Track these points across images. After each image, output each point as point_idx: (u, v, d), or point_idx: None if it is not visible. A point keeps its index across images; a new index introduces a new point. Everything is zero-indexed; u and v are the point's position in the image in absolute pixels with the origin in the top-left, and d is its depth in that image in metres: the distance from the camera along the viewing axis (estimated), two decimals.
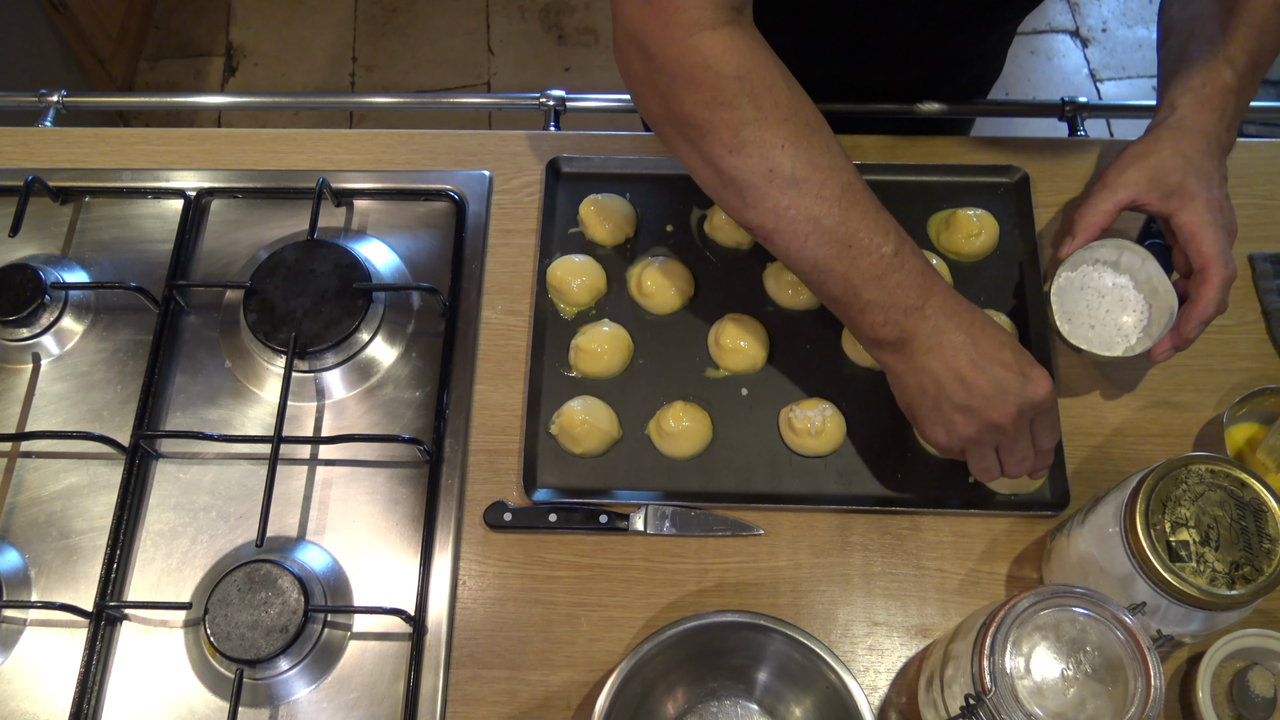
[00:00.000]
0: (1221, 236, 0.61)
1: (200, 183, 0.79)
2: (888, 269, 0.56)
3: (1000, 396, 0.56)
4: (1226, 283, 0.62)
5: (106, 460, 0.70)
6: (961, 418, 0.57)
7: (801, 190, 0.55)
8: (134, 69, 2.02)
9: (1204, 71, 0.65)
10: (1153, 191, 0.63)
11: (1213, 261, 0.61)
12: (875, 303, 0.57)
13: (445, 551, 0.67)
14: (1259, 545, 0.53)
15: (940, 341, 0.56)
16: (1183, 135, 0.64)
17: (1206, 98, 0.64)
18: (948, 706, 0.54)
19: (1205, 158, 0.63)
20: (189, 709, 0.63)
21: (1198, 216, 0.61)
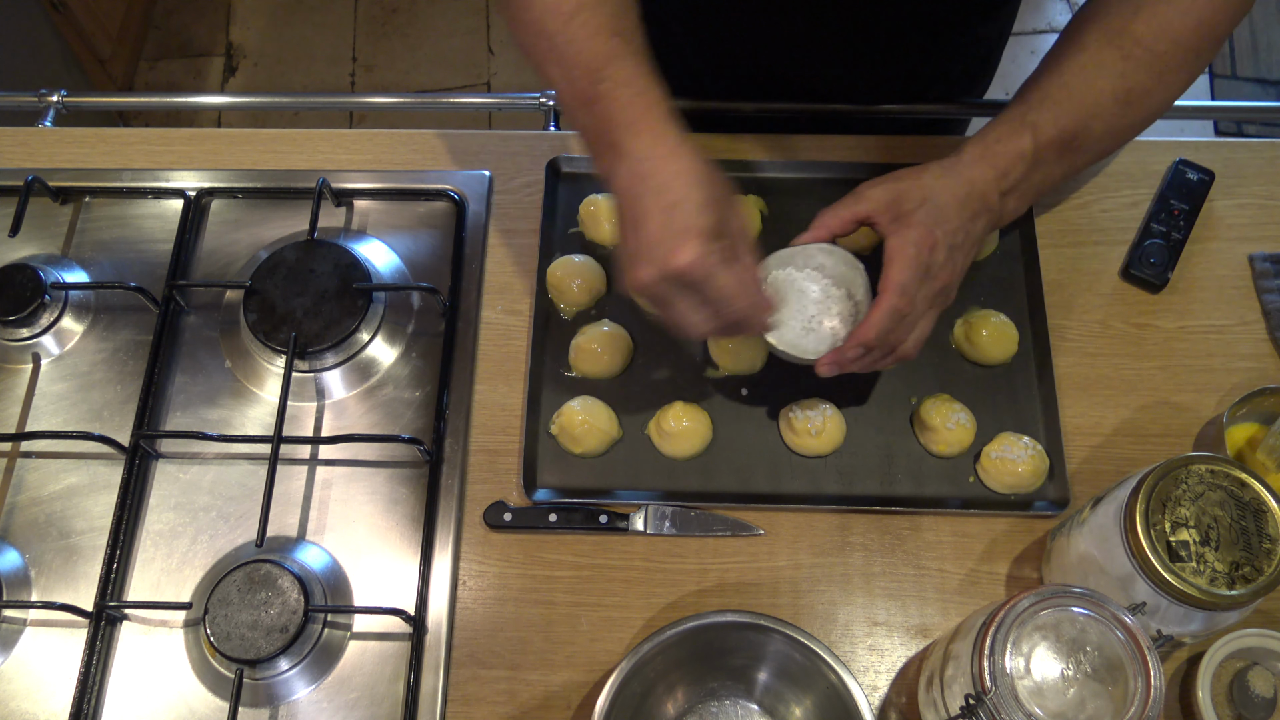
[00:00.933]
0: (910, 271, 0.58)
1: (200, 183, 0.79)
2: (594, 96, 0.55)
3: (641, 259, 0.54)
4: (895, 312, 0.58)
5: (106, 460, 0.70)
6: (627, 267, 0.56)
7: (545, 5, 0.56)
8: (134, 69, 2.02)
9: (1004, 128, 0.62)
10: (886, 212, 0.60)
11: (889, 289, 0.58)
12: (586, 129, 0.57)
13: (445, 551, 0.67)
14: (1259, 545, 0.53)
15: (627, 186, 0.55)
16: (947, 175, 0.61)
17: (992, 154, 0.61)
18: (948, 706, 0.54)
19: (955, 204, 0.60)
20: (189, 709, 0.63)
21: (901, 246, 0.58)
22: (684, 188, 0.54)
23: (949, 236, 0.60)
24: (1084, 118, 0.62)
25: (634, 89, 0.55)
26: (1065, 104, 0.62)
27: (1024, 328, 0.73)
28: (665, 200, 0.54)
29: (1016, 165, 0.61)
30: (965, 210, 0.60)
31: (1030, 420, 0.71)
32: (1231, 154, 0.80)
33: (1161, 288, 0.75)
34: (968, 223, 0.61)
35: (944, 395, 0.70)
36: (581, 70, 0.55)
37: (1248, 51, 1.95)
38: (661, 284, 0.54)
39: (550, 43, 0.56)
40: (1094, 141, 0.64)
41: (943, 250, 0.59)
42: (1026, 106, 0.63)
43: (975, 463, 0.69)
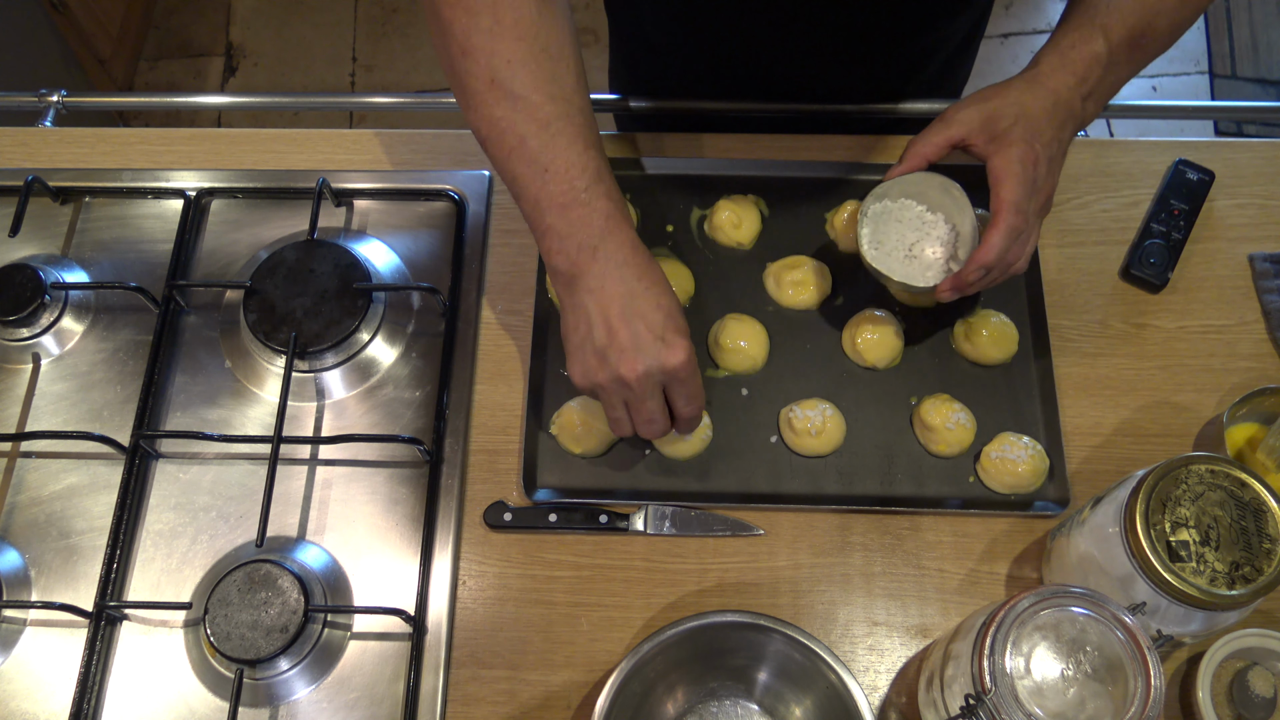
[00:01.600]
0: (1021, 188, 0.60)
1: (200, 183, 0.79)
2: (574, 202, 0.57)
3: (634, 352, 0.57)
4: (1013, 231, 0.60)
5: (106, 460, 0.70)
6: (597, 362, 0.58)
7: (517, 106, 0.57)
8: (134, 69, 2.02)
9: (1076, 34, 0.63)
10: (981, 133, 0.62)
11: (1004, 208, 0.60)
12: (555, 230, 0.58)
13: (445, 551, 0.67)
14: (1259, 545, 0.53)
15: (602, 285, 0.57)
16: (1031, 89, 0.62)
17: (1069, 60, 0.62)
18: (948, 706, 0.54)
19: (1045, 116, 0.62)
20: (189, 709, 0.63)
21: (1007, 164, 0.60)
22: (667, 294, 0.58)
23: (1046, 149, 0.61)
24: (1148, 15, 0.63)
25: (611, 203, 0.58)
26: (1130, 3, 0.63)
27: (1024, 328, 0.73)
28: (663, 302, 0.57)
29: (1094, 69, 0.63)
30: (1054, 120, 0.62)
31: (1030, 420, 0.71)
32: (1231, 154, 0.81)
33: (1161, 288, 0.75)
34: (1058, 132, 0.62)
35: (944, 395, 0.70)
36: (559, 177, 0.58)
37: (1248, 51, 1.95)
38: (649, 379, 0.57)
39: (522, 144, 0.58)
40: (1159, 36, 0.65)
41: (1044, 163, 0.61)
42: (1094, 10, 0.63)
43: (975, 463, 0.69)
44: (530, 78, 0.57)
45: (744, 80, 0.84)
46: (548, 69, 0.57)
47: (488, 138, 0.60)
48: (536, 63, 0.57)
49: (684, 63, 0.85)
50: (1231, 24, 1.98)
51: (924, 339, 0.73)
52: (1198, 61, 1.98)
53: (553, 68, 0.58)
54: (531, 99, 0.57)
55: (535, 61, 0.57)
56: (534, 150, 0.57)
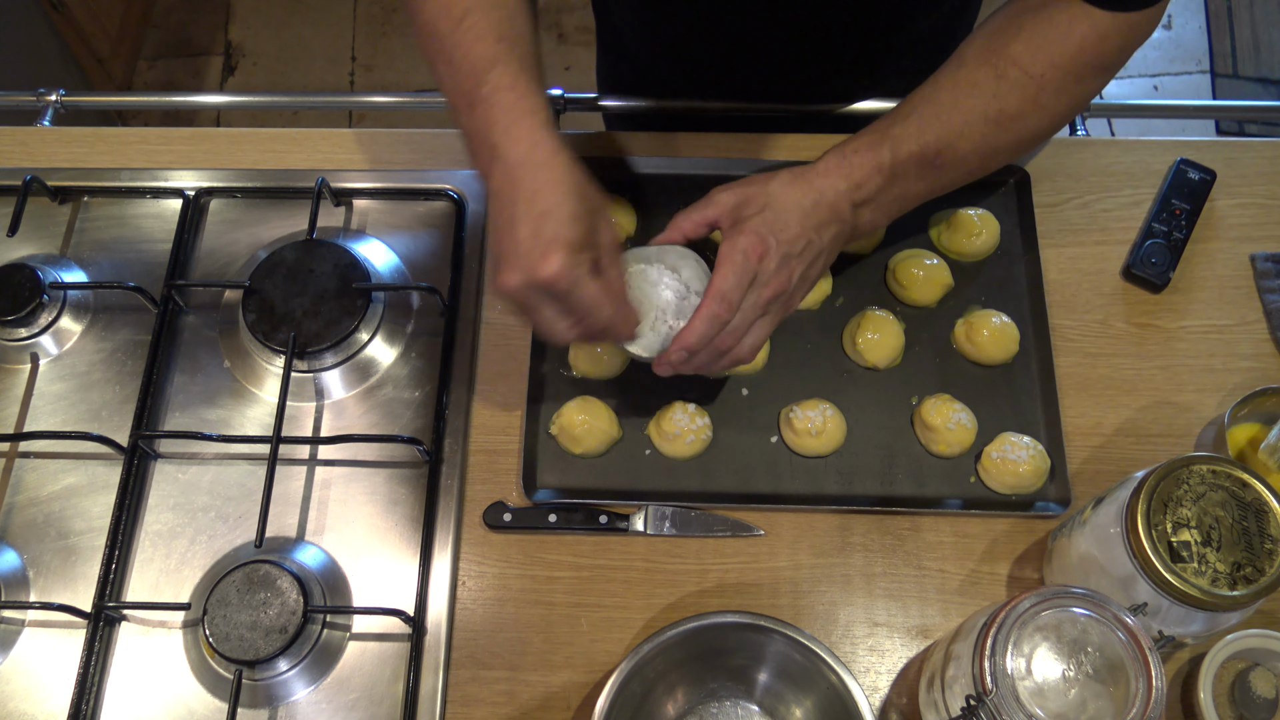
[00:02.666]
0: (732, 278, 0.57)
1: (199, 182, 0.79)
2: (477, 100, 0.56)
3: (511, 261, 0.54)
4: (713, 319, 0.58)
5: (105, 460, 0.70)
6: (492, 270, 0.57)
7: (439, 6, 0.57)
8: (133, 68, 2.02)
9: (864, 139, 0.62)
10: (728, 217, 0.60)
11: (709, 295, 0.58)
12: (466, 132, 0.57)
13: (445, 552, 0.67)
14: (1260, 546, 0.53)
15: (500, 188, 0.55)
16: (796, 184, 0.60)
17: (848, 165, 0.61)
18: (949, 707, 0.53)
19: (798, 213, 0.59)
20: (188, 710, 0.63)
21: (729, 252, 0.58)
22: (555, 196, 0.54)
23: (786, 245, 0.59)
24: (950, 136, 0.61)
25: (515, 93, 0.56)
26: (931, 120, 0.61)
27: (1025, 327, 0.73)
28: (536, 208, 0.54)
29: (872, 178, 0.61)
30: (810, 219, 0.60)
31: (1031, 420, 0.71)
32: (1233, 153, 0.80)
33: (1163, 287, 0.75)
34: (811, 231, 0.60)
35: (945, 395, 0.70)
36: (466, 72, 0.56)
37: (1249, 51, 1.95)
38: (527, 291, 0.55)
39: (440, 44, 0.57)
40: (960, 160, 0.63)
41: (774, 259, 0.59)
42: (892, 120, 0.62)
43: (976, 463, 0.69)
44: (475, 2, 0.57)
45: (726, 82, 0.84)
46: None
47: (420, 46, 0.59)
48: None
49: (663, 69, 0.86)
50: (1233, 23, 1.98)
51: (925, 339, 0.73)
52: (1199, 61, 1.98)
53: None
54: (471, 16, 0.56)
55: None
56: (448, 48, 0.56)
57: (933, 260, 0.74)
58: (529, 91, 0.56)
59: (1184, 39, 2.01)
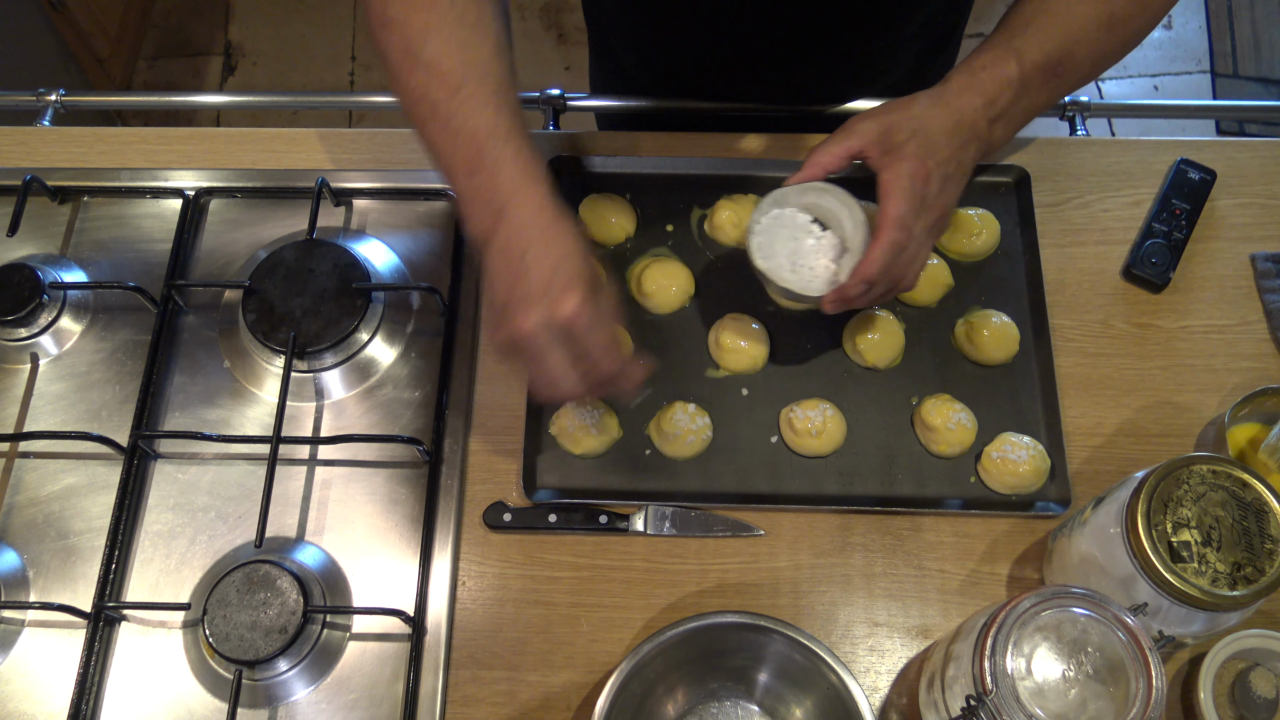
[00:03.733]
0: (906, 204, 0.59)
1: (199, 182, 0.79)
2: (479, 166, 0.57)
3: (524, 306, 0.55)
4: (894, 246, 0.59)
5: (105, 460, 0.70)
6: (496, 322, 0.57)
7: (429, 74, 0.57)
8: (132, 68, 2.02)
9: (989, 55, 0.62)
10: (877, 145, 0.61)
11: (888, 224, 0.59)
12: (464, 195, 0.58)
13: (445, 552, 0.67)
14: (1261, 546, 0.53)
15: (506, 246, 0.56)
16: (935, 105, 0.61)
17: (979, 81, 0.62)
18: (949, 707, 0.53)
19: (944, 134, 0.60)
20: (187, 710, 0.63)
21: (895, 179, 0.59)
22: (570, 243, 0.56)
23: (941, 167, 0.60)
24: (1067, 43, 0.62)
25: (519, 164, 0.57)
26: (1049, 29, 0.62)
27: (1025, 328, 0.73)
28: (553, 253, 0.55)
29: (1004, 92, 0.62)
30: (955, 139, 0.61)
31: (1031, 420, 0.71)
32: (1233, 153, 0.80)
33: (1163, 287, 0.75)
34: (958, 151, 0.61)
35: (945, 395, 0.70)
36: (466, 141, 0.57)
37: (1249, 51, 1.94)
38: (543, 331, 0.55)
39: (434, 111, 0.58)
40: (1078, 66, 0.64)
41: (936, 181, 0.60)
42: (1010, 33, 0.63)
43: (976, 463, 0.69)
44: (441, 45, 0.57)
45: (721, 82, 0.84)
46: (459, 36, 0.57)
47: (407, 108, 0.59)
48: (448, 30, 0.57)
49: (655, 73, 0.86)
50: (1233, 23, 1.98)
51: (925, 339, 0.73)
52: (1199, 60, 1.98)
53: (466, 35, 0.58)
54: (442, 66, 0.57)
55: (447, 29, 0.57)
56: (444, 116, 0.57)
57: (933, 260, 0.74)
58: (532, 161, 0.57)
59: (1184, 38, 2.01)
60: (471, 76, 0.57)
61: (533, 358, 0.56)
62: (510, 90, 0.59)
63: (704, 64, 0.82)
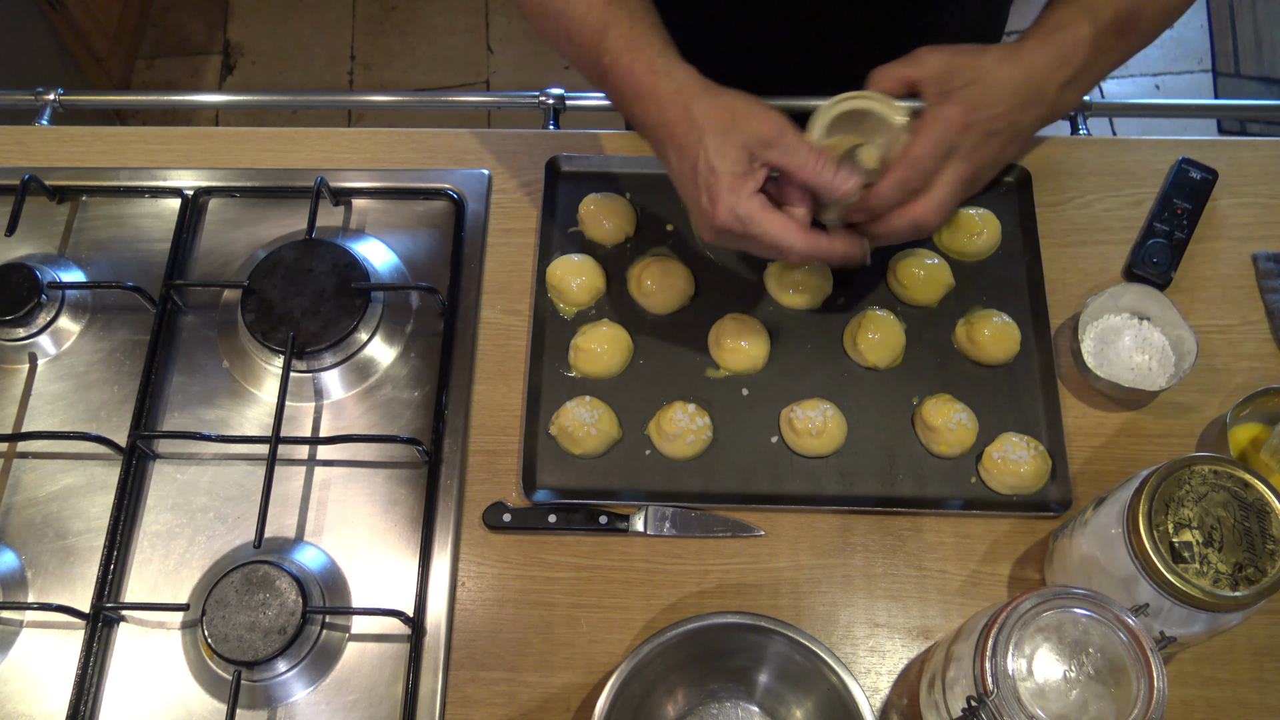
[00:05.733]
0: (930, 146, 0.58)
1: (198, 182, 0.79)
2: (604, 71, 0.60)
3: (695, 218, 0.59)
4: (901, 184, 0.59)
5: (103, 461, 0.70)
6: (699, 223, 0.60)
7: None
8: (131, 67, 2.02)
9: (1061, 13, 0.61)
10: (935, 82, 0.59)
11: (904, 160, 0.58)
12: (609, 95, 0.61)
13: (444, 552, 0.67)
14: (1262, 546, 0.53)
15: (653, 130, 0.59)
16: (1005, 60, 0.60)
17: (1052, 42, 0.60)
18: (949, 708, 0.53)
19: (1007, 89, 0.59)
20: (187, 711, 0.63)
21: (932, 120, 0.58)
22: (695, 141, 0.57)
23: (989, 122, 0.59)
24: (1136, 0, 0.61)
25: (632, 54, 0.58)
26: None
27: (1026, 327, 0.73)
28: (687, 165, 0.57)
29: (1078, 52, 0.60)
30: (1016, 97, 0.59)
31: (1032, 420, 0.70)
32: (1235, 153, 0.80)
33: (1164, 287, 0.75)
34: (1015, 110, 0.60)
35: (946, 395, 0.70)
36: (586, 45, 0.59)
37: (1251, 50, 1.94)
38: (721, 239, 0.59)
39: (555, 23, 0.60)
40: (1146, 23, 0.63)
41: (977, 134, 0.59)
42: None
43: (977, 463, 0.69)
44: None
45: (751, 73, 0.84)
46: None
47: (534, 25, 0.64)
48: None
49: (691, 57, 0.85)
50: (1235, 22, 1.97)
51: (926, 339, 0.73)
52: (1201, 60, 1.98)
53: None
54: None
55: None
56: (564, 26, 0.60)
57: (934, 260, 0.74)
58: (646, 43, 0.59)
59: (1186, 38, 2.00)
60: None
61: (744, 240, 0.58)
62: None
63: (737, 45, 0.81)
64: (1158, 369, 0.70)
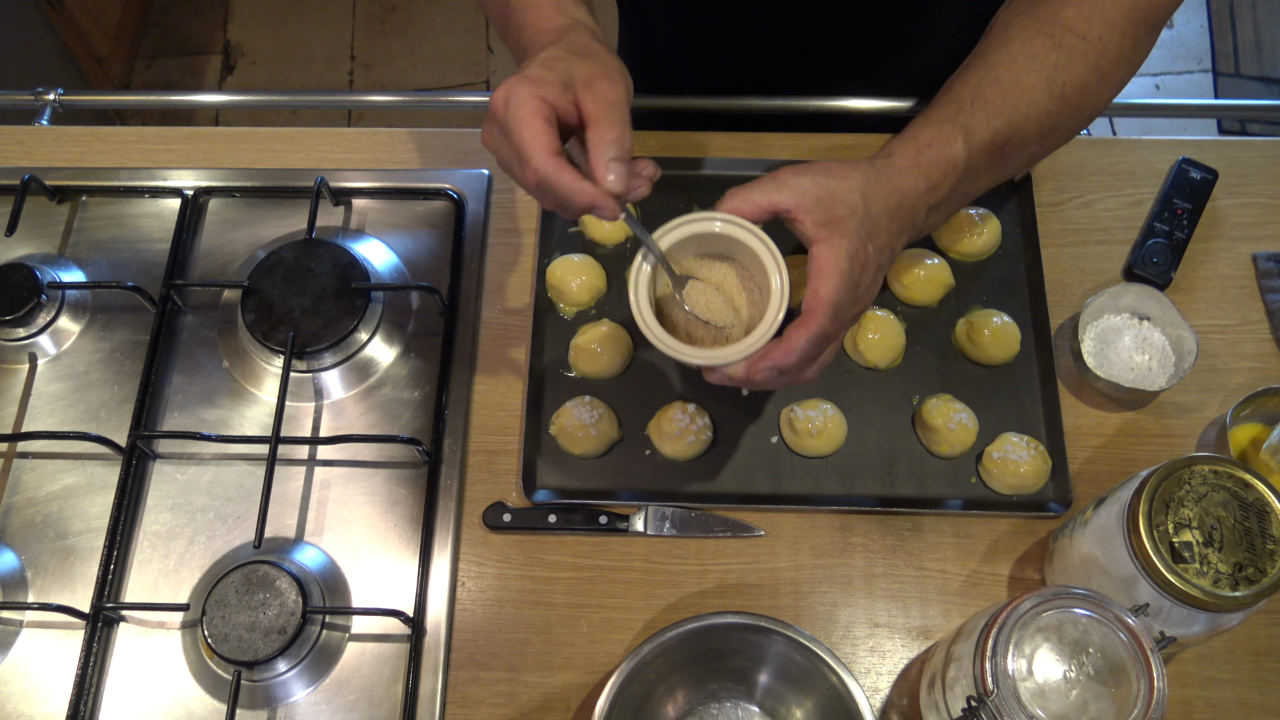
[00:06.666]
0: (844, 290, 0.52)
1: (198, 181, 0.79)
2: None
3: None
4: (822, 338, 0.52)
5: (103, 461, 0.70)
6: None
7: None
8: (131, 67, 2.01)
9: (936, 130, 0.57)
10: (812, 212, 0.53)
11: (819, 309, 0.51)
12: None
13: (444, 552, 0.67)
14: (1262, 546, 0.53)
15: None
16: (879, 182, 0.55)
17: (924, 161, 0.56)
18: (950, 708, 0.53)
19: (886, 216, 0.54)
20: (186, 711, 0.63)
21: (835, 259, 0.52)
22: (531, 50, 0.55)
23: (878, 254, 0.54)
24: (1017, 119, 0.57)
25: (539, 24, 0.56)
26: (998, 103, 0.57)
27: (1026, 327, 0.73)
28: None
29: (948, 176, 0.57)
30: (894, 223, 0.55)
31: (1032, 420, 0.70)
32: (1235, 153, 0.80)
33: (1164, 287, 0.75)
34: (894, 239, 0.56)
35: (946, 395, 0.70)
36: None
37: (1251, 50, 1.94)
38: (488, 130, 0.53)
39: None
40: (1025, 145, 0.59)
41: (871, 268, 0.54)
42: (958, 106, 0.57)
43: (977, 463, 0.69)
44: None
45: (749, 75, 0.84)
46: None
47: None
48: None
49: (690, 55, 0.85)
50: (1235, 22, 1.97)
51: (926, 339, 0.73)
52: (1201, 60, 1.98)
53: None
54: None
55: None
56: None
57: (934, 260, 0.74)
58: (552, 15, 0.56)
59: (1186, 38, 2.00)
60: None
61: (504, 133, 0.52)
62: None
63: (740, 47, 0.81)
64: (1158, 369, 0.70)
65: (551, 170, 0.50)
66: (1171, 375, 0.69)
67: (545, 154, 0.50)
